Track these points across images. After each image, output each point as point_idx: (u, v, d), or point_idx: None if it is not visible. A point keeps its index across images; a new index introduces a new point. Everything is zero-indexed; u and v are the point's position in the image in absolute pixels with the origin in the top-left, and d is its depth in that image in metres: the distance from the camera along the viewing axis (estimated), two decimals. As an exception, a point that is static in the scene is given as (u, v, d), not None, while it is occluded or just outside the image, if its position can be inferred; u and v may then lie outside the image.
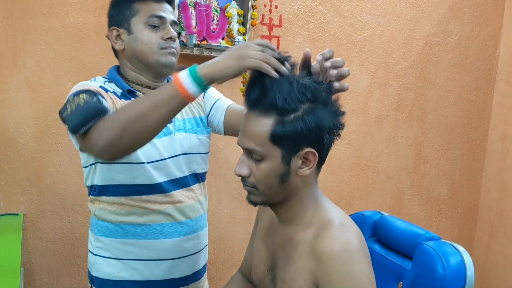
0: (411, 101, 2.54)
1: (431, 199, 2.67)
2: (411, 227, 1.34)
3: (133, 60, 1.29)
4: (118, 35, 1.29)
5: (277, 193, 1.01)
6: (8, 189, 1.89)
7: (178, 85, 0.99)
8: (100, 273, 1.32)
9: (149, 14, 1.26)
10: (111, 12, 1.31)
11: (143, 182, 1.26)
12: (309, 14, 2.28)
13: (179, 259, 1.33)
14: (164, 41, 1.27)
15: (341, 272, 0.91)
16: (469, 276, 1.15)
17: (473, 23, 2.62)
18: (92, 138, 1.04)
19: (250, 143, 0.97)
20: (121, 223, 1.28)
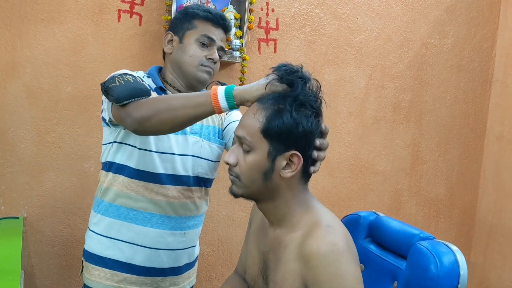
0: (408, 103, 2.56)
1: (429, 200, 2.68)
2: (406, 227, 1.35)
3: (174, 65, 1.45)
4: (171, 40, 1.46)
5: (259, 189, 1.04)
6: (8, 193, 1.91)
7: (213, 96, 1.11)
8: (90, 247, 1.45)
9: (203, 33, 1.42)
10: (174, 19, 1.50)
11: (147, 168, 1.39)
12: (305, 17, 2.30)
13: (159, 250, 1.43)
14: (206, 59, 1.43)
15: (328, 273, 0.93)
16: (462, 275, 1.17)
17: (469, 25, 2.64)
18: (130, 109, 1.18)
19: (242, 132, 1.03)
20: (118, 204, 1.41)
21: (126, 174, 1.40)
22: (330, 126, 2.39)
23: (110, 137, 1.43)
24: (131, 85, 1.22)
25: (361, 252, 1.42)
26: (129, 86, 1.22)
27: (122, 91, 1.20)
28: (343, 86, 2.41)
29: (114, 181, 1.41)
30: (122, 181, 1.40)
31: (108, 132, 1.44)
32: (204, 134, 1.48)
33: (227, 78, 2.16)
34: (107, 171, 1.43)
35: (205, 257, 2.26)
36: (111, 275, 1.41)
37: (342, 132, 2.44)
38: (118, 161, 1.41)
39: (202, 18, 1.43)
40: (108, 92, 1.22)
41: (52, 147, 1.94)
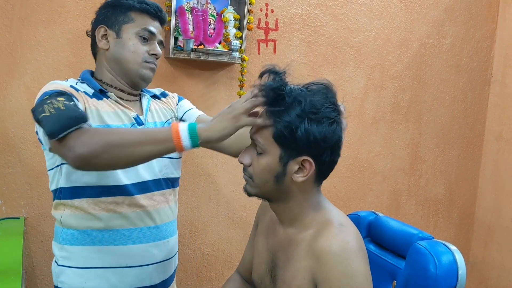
0: (407, 103, 2.57)
1: (428, 200, 2.69)
2: (405, 227, 1.36)
3: (113, 63, 1.32)
4: (105, 34, 1.32)
5: (271, 191, 1.05)
6: (9, 194, 1.91)
7: (175, 134, 1.03)
8: (66, 284, 1.28)
9: (143, 27, 1.31)
10: (103, 11, 1.34)
11: (110, 183, 1.25)
12: (305, 18, 2.31)
13: (148, 266, 1.31)
14: (149, 55, 1.32)
15: (339, 271, 0.94)
16: (461, 274, 1.18)
17: (467, 25, 2.65)
18: (71, 144, 1.04)
19: (256, 134, 1.03)
20: (88, 229, 1.25)
21: (88, 195, 1.24)
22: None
23: (55, 159, 1.26)
24: (63, 114, 1.07)
25: (361, 252, 1.43)
26: (61, 116, 1.06)
27: (55, 124, 1.05)
28: (342, 86, 2.42)
29: (75, 206, 1.25)
30: (85, 204, 1.25)
31: (52, 155, 1.26)
32: None
33: (227, 79, 2.17)
34: (62, 199, 1.26)
35: (205, 257, 2.27)
36: None
37: (341, 132, 2.44)
38: (74, 183, 1.24)
39: (139, 10, 1.31)
40: (39, 124, 1.09)
41: (52, 148, 1.95)
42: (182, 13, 1.99)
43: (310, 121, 0.98)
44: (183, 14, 1.99)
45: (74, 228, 1.26)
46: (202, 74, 2.13)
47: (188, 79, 2.11)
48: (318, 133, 0.98)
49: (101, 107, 1.27)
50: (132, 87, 1.36)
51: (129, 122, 1.30)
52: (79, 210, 1.25)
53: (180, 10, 1.99)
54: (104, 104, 1.29)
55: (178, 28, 2.00)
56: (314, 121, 0.98)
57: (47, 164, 1.30)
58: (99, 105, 1.27)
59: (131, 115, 1.31)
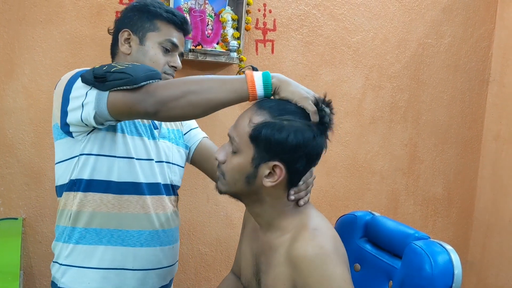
0: (405, 103, 2.57)
1: (427, 199, 2.69)
2: (401, 227, 1.36)
3: None
4: (128, 39, 1.31)
5: (241, 191, 1.05)
6: (7, 194, 1.92)
7: (250, 82, 1.03)
8: (68, 284, 1.26)
9: (167, 37, 1.30)
10: (130, 14, 1.32)
11: (127, 179, 1.25)
12: (302, 18, 2.31)
13: (151, 270, 1.31)
14: (168, 67, 1.32)
15: (316, 276, 0.94)
16: (456, 274, 1.17)
17: (466, 25, 2.65)
18: (151, 89, 1.07)
19: (233, 132, 1.03)
20: (98, 227, 1.24)
21: (104, 190, 1.23)
22: (328, 126, 2.41)
23: (74, 150, 1.23)
24: (143, 66, 1.13)
25: (357, 252, 1.43)
26: (143, 67, 1.12)
27: (139, 71, 1.09)
28: (340, 86, 2.42)
29: (87, 201, 1.23)
30: (98, 199, 1.23)
31: (70, 145, 1.23)
32: (172, 138, 1.39)
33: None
34: (75, 191, 1.24)
35: (204, 257, 2.27)
36: None
37: (339, 132, 2.45)
38: (89, 176, 1.23)
39: (166, 20, 1.31)
40: (109, 78, 1.09)
41: (50, 148, 1.95)
42: (179, 14, 1.99)
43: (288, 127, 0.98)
44: (180, 14, 1.99)
45: (84, 226, 1.24)
46: (200, 74, 2.13)
47: (186, 80, 2.11)
48: (295, 139, 0.98)
49: None
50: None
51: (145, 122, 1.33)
52: (89, 206, 1.23)
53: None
54: None
55: (176, 28, 2.00)
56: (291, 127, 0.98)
57: (60, 155, 1.26)
58: None
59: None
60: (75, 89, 1.16)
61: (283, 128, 0.98)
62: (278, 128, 0.98)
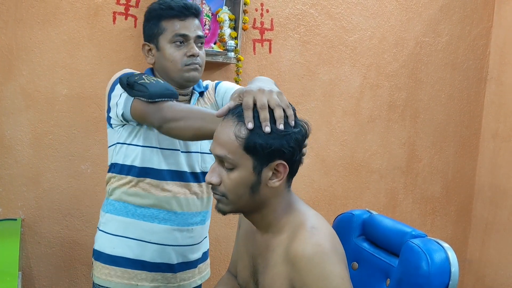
0: (403, 101, 2.57)
1: (425, 198, 2.70)
2: (398, 225, 1.36)
3: (161, 73, 1.44)
4: (149, 50, 1.44)
5: (247, 203, 1.02)
6: (6, 195, 1.92)
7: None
8: (99, 247, 1.45)
9: (174, 33, 1.38)
10: (145, 27, 1.45)
11: (149, 165, 1.40)
12: (300, 17, 2.31)
13: (167, 246, 1.43)
14: (187, 58, 1.40)
15: (314, 275, 0.94)
16: (453, 272, 1.18)
17: (463, 23, 2.65)
18: (161, 106, 1.24)
19: (222, 151, 0.99)
20: (126, 202, 1.41)
21: (132, 174, 1.40)
22: (326, 125, 2.42)
23: (113, 138, 1.43)
24: (163, 85, 1.28)
25: (355, 250, 1.44)
26: (161, 85, 1.27)
27: (156, 89, 1.25)
28: (338, 86, 2.42)
29: (121, 181, 1.42)
30: (129, 181, 1.41)
31: (111, 134, 1.44)
32: None
33: (222, 79, 2.17)
34: (113, 173, 1.44)
35: (203, 257, 2.27)
36: (121, 273, 1.41)
37: (337, 131, 2.45)
38: (122, 161, 1.41)
39: (168, 17, 1.39)
40: (135, 87, 1.26)
41: (49, 149, 1.96)
42: (177, 14, 1.99)
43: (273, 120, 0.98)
44: (178, 14, 2.00)
45: (116, 199, 1.43)
46: (197, 74, 2.14)
47: (184, 80, 2.11)
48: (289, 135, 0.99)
49: None
50: (183, 89, 1.45)
51: None
52: (123, 186, 1.41)
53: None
54: None
55: (173, 28, 2.00)
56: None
57: (108, 141, 1.46)
58: None
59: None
60: (115, 89, 1.35)
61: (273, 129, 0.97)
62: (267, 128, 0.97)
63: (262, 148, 0.97)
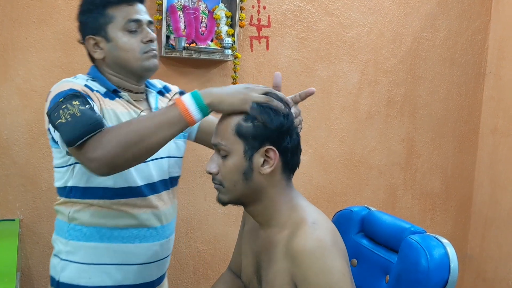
0: (401, 97, 2.56)
1: (425, 194, 2.69)
2: (397, 221, 1.36)
3: (115, 67, 1.29)
4: (95, 43, 1.28)
5: (243, 191, 1.05)
6: (4, 196, 1.92)
7: (183, 110, 1.05)
8: (69, 278, 1.28)
9: (126, 20, 1.26)
10: (83, 19, 1.29)
11: (124, 185, 1.25)
12: (297, 14, 2.30)
13: (150, 263, 1.33)
14: (144, 44, 1.27)
15: (315, 269, 0.94)
16: (452, 268, 1.18)
17: (461, 18, 2.64)
18: (90, 151, 1.04)
19: (217, 139, 1.05)
20: (98, 225, 1.25)
21: (102, 197, 1.24)
22: (324, 122, 2.41)
23: (67, 158, 1.23)
24: (79, 121, 1.06)
25: (354, 247, 1.44)
26: (78, 123, 1.06)
27: (72, 132, 1.05)
28: (336, 82, 2.42)
29: (87, 205, 1.25)
30: (98, 203, 1.25)
31: (63, 155, 1.24)
32: None
33: (220, 77, 2.17)
34: (72, 198, 1.25)
35: (202, 255, 2.27)
36: None
37: (336, 127, 2.45)
38: (87, 184, 1.23)
39: (114, 4, 1.26)
40: (57, 130, 1.10)
41: (46, 149, 1.95)
42: (173, 12, 1.99)
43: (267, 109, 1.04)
44: (174, 12, 1.99)
45: (83, 224, 1.25)
46: (194, 72, 2.13)
47: (181, 78, 2.10)
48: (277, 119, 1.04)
49: (115, 107, 1.25)
50: (140, 81, 1.34)
51: None
52: (90, 208, 1.25)
53: (171, 9, 1.98)
54: (118, 104, 1.27)
55: (170, 26, 2.00)
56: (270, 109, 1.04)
57: (56, 161, 1.27)
58: (113, 106, 1.25)
59: (141, 114, 1.29)
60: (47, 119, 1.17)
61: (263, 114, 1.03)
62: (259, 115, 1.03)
63: (250, 132, 1.02)
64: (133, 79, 1.31)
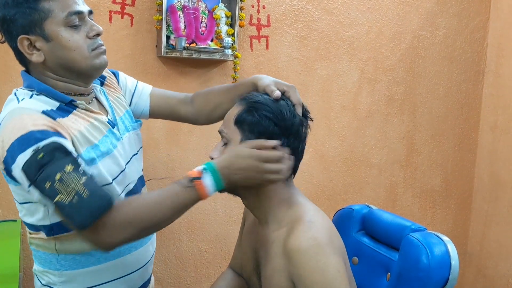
0: (401, 95, 2.57)
1: (425, 191, 2.70)
2: (398, 219, 1.37)
3: (59, 70, 1.10)
4: (29, 44, 1.07)
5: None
6: (5, 196, 1.92)
7: (202, 193, 1.01)
8: None
9: (66, 13, 1.06)
10: (12, 17, 1.05)
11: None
12: (297, 13, 2.31)
13: (148, 263, 1.31)
14: (91, 40, 1.11)
15: (309, 267, 0.95)
16: (453, 265, 1.18)
17: (460, 16, 2.65)
18: (103, 236, 0.96)
19: (221, 126, 1.09)
20: (91, 250, 1.13)
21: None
22: (324, 121, 2.41)
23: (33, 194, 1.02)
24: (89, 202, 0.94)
25: (355, 245, 1.44)
26: (87, 204, 0.94)
27: (84, 215, 0.93)
28: (336, 81, 2.42)
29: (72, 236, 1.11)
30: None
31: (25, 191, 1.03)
32: (128, 126, 1.26)
33: (220, 76, 2.17)
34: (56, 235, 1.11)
35: (203, 255, 2.27)
36: None
37: (336, 126, 2.45)
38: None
39: None
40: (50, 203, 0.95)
41: (47, 150, 1.95)
42: (173, 12, 1.99)
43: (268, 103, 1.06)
44: (174, 12, 1.99)
45: (74, 253, 1.14)
46: (195, 72, 2.14)
47: (181, 78, 2.11)
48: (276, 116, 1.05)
49: (77, 126, 1.09)
50: (89, 82, 1.18)
51: (105, 129, 1.17)
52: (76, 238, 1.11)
53: (171, 9, 1.99)
54: (78, 119, 1.11)
55: (170, 26, 2.00)
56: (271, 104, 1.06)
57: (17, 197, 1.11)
58: (76, 125, 1.09)
59: (103, 120, 1.17)
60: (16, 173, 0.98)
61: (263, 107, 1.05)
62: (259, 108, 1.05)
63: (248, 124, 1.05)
64: (81, 81, 1.15)
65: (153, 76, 2.05)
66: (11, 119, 1.01)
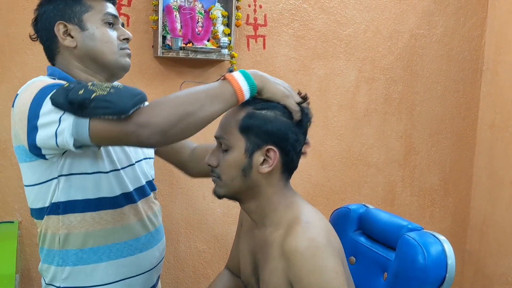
0: (399, 94, 2.57)
1: (423, 190, 2.70)
2: (394, 218, 1.37)
3: (86, 60, 1.19)
4: (65, 31, 1.17)
5: (239, 187, 1.06)
6: (2, 198, 1.92)
7: (237, 88, 1.01)
8: None
9: (105, 12, 1.20)
10: (51, 6, 1.18)
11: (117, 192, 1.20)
12: (293, 12, 2.30)
13: (152, 270, 1.30)
14: (121, 41, 1.22)
15: (307, 269, 0.95)
16: (450, 264, 1.18)
17: (457, 14, 2.64)
18: (142, 117, 0.96)
19: (220, 132, 1.07)
20: (94, 246, 1.17)
21: (95, 209, 1.16)
22: (322, 120, 2.41)
23: (51, 172, 1.12)
24: (125, 92, 0.98)
25: (352, 244, 1.44)
26: (127, 92, 0.98)
27: (125, 99, 0.96)
28: (333, 80, 2.42)
29: (77, 222, 1.15)
30: (89, 219, 1.15)
31: (46, 166, 1.12)
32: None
33: (217, 76, 2.17)
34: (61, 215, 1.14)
35: (202, 255, 2.27)
36: None
37: (333, 125, 2.45)
38: (75, 197, 1.14)
39: None
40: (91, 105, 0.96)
41: (44, 151, 1.95)
42: (169, 12, 1.99)
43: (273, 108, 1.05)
44: (170, 12, 1.99)
45: (76, 248, 1.16)
46: (191, 72, 2.13)
47: (178, 78, 2.11)
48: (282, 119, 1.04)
49: None
50: (110, 80, 1.24)
51: None
52: (80, 227, 1.15)
53: (168, 9, 1.98)
54: None
55: (166, 27, 1.99)
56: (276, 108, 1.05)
57: (32, 178, 1.14)
58: None
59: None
60: (44, 114, 1.02)
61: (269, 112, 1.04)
62: (265, 114, 1.03)
63: (254, 129, 1.03)
64: (104, 76, 1.22)
65: (150, 76, 2.05)
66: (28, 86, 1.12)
